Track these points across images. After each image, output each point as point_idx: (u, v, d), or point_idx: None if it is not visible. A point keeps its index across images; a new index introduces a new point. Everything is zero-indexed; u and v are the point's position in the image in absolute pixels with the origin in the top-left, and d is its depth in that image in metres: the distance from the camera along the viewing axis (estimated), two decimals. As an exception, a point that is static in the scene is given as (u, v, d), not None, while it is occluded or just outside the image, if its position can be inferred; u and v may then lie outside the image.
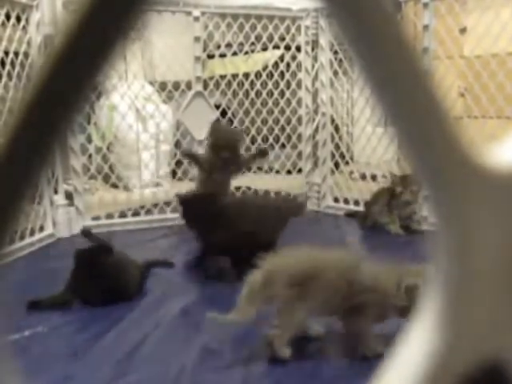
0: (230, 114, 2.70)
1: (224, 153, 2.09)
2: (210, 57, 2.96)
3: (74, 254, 1.58)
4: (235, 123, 2.73)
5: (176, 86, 2.62)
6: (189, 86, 2.57)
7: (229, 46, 2.76)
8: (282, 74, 2.75)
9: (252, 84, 2.75)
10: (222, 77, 2.69)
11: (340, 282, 1.18)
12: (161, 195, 2.64)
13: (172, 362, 1.24)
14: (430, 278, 0.29)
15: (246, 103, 2.76)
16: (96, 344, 1.33)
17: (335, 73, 2.70)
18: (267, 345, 1.22)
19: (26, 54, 2.13)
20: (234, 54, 2.77)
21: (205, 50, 2.56)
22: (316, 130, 2.73)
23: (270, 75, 2.75)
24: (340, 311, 1.22)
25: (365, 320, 1.20)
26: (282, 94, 2.74)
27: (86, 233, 1.68)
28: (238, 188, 2.80)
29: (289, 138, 2.81)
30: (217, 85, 2.66)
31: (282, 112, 2.77)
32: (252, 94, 2.72)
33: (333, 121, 2.76)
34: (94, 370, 1.21)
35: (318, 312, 1.24)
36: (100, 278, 1.55)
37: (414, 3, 2.35)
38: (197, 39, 2.49)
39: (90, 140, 2.56)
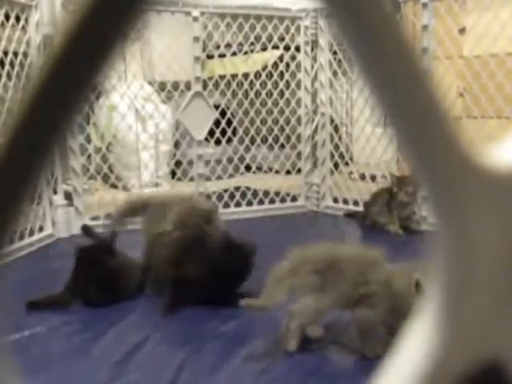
0: (229, 114, 2.70)
1: None
2: (210, 57, 2.96)
3: (74, 252, 1.57)
4: (234, 123, 2.73)
5: (175, 86, 2.62)
6: (188, 86, 2.57)
7: (228, 46, 2.76)
8: (281, 74, 2.75)
9: (251, 84, 2.75)
10: (222, 77, 2.69)
11: (355, 274, 1.23)
12: (160, 195, 2.64)
13: (171, 363, 1.24)
14: (431, 279, 0.29)
15: (246, 103, 2.76)
16: (95, 344, 1.33)
17: (334, 73, 2.70)
18: (283, 335, 1.26)
19: (25, 54, 2.13)
20: (234, 54, 2.77)
21: (204, 50, 2.56)
22: (315, 130, 2.73)
23: (270, 75, 2.75)
24: (353, 303, 1.24)
25: (373, 313, 1.21)
26: (282, 94, 2.74)
27: (86, 230, 1.67)
28: (237, 188, 2.81)
29: (288, 138, 2.81)
30: (216, 85, 2.67)
31: (282, 112, 2.76)
32: (251, 94, 2.72)
33: (332, 121, 2.76)
34: (93, 371, 1.21)
35: (335, 304, 1.26)
36: (101, 278, 1.55)
37: (413, 3, 2.35)
38: (196, 39, 2.49)
39: (89, 140, 2.56)
